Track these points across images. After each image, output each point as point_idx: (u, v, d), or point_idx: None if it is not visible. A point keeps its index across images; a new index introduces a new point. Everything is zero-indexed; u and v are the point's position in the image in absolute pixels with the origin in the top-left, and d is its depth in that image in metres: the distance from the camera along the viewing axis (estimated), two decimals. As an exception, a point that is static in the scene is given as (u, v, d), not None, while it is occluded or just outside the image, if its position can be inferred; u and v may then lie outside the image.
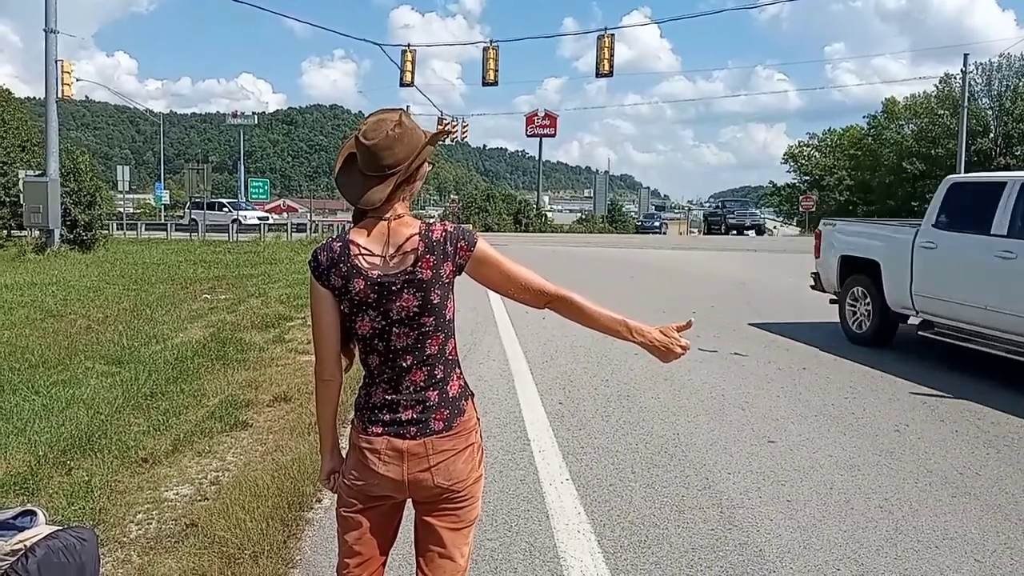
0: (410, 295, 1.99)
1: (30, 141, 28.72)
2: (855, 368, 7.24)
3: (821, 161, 64.30)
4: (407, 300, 2.00)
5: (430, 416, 2.05)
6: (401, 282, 1.99)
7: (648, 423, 5.52)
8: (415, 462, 2.05)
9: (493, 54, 31.66)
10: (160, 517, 3.87)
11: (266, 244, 27.18)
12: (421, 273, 1.99)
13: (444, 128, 36.76)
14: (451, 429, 2.06)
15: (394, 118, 2.01)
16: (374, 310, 2.01)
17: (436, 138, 2.10)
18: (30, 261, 19.36)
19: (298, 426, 5.29)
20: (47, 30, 22.42)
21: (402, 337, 2.03)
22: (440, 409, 2.06)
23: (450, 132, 44.23)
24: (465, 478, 2.10)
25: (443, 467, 2.06)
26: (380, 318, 2.01)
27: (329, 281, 2.03)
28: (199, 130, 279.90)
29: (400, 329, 2.02)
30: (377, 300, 2.00)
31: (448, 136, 44.22)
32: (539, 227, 45.38)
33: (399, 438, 2.05)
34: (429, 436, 2.05)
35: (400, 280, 1.99)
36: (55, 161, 22.33)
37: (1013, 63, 49.54)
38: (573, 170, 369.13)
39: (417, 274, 1.98)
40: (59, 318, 10.06)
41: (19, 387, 6.35)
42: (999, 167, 47.73)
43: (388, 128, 1.99)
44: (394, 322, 2.01)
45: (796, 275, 15.09)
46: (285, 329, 9.17)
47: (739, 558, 3.45)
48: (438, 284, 2.01)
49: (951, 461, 4.78)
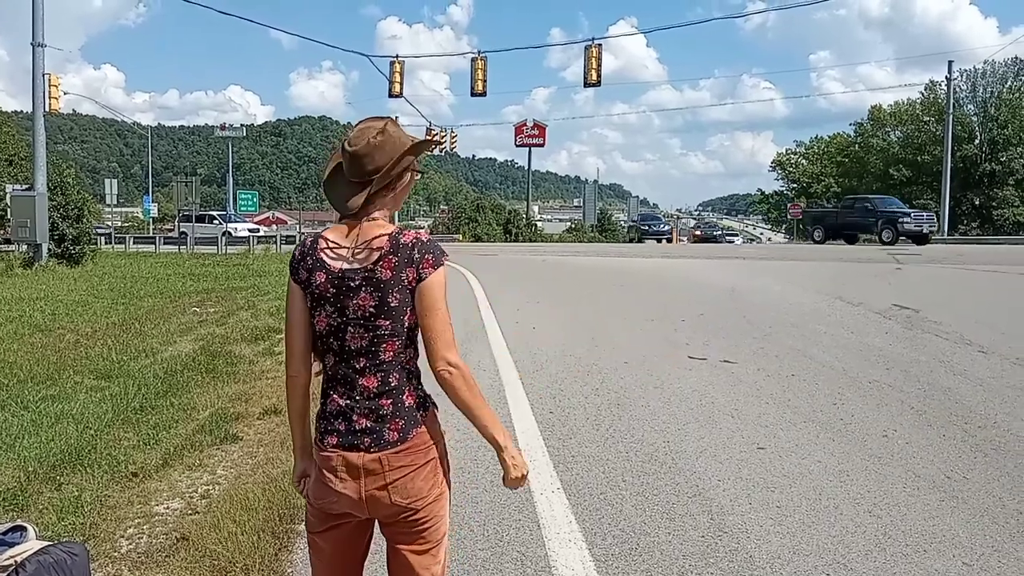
0: (367, 294, 1.99)
1: (17, 155, 28.70)
2: (843, 374, 7.28)
3: (808, 168, 64.82)
4: (364, 299, 1.99)
5: (384, 427, 2.02)
6: (360, 279, 1.99)
7: (638, 431, 5.54)
8: (372, 479, 2.01)
9: (481, 65, 31.82)
10: (151, 531, 3.86)
11: (255, 256, 27.13)
12: (381, 272, 1.98)
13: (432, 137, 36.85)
14: (406, 441, 2.02)
15: (378, 126, 2.04)
16: (331, 305, 2.01)
17: (420, 147, 2.09)
18: (18, 276, 19.25)
19: (288, 439, 5.26)
20: (35, 44, 22.38)
21: (356, 338, 2.01)
22: (395, 419, 2.02)
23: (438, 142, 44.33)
24: (425, 495, 2.05)
25: (400, 484, 2.02)
26: (336, 315, 2.01)
27: (298, 275, 2.06)
28: (187, 143, 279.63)
29: (355, 329, 2.01)
30: (335, 295, 2.00)
31: (436, 146, 44.33)
32: (529, 237, 45.44)
33: (353, 450, 2.02)
34: (385, 450, 2.01)
35: (359, 277, 1.99)
36: (43, 175, 22.25)
37: (997, 69, 50.07)
38: (562, 180, 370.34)
39: (377, 272, 1.98)
40: (47, 333, 10.01)
41: (7, 403, 6.33)
42: (984, 173, 48.21)
43: (371, 135, 2.01)
44: (350, 320, 2.01)
45: (784, 282, 15.19)
46: (275, 342, 9.16)
47: (730, 564, 3.47)
48: (397, 287, 1.99)
49: (939, 465, 4.82)
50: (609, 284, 15.61)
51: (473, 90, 32.53)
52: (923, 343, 8.60)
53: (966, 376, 7.10)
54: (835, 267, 18.73)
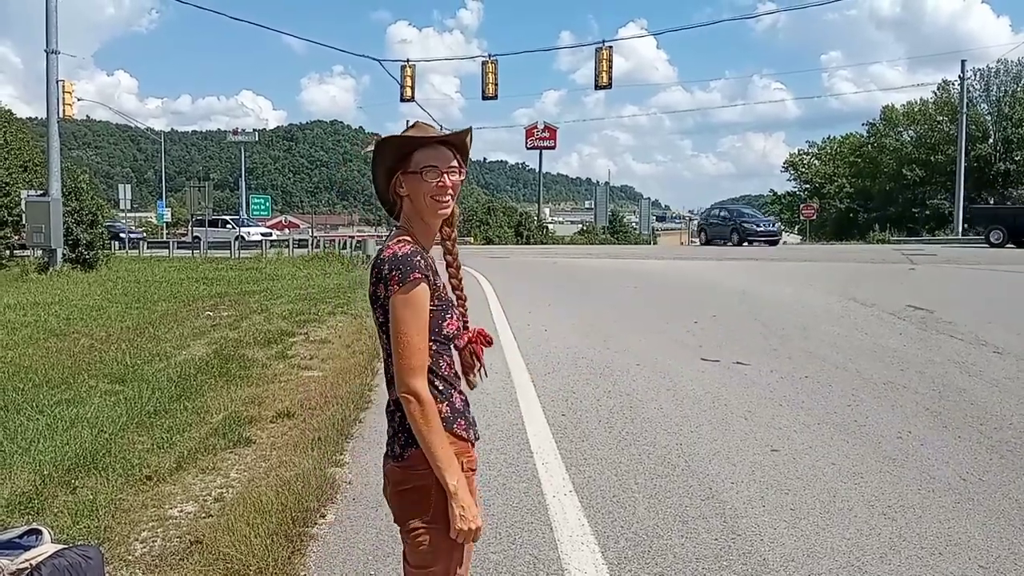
0: (373, 309, 2.05)
1: (32, 161, 28.92)
2: (857, 376, 7.24)
3: (821, 169, 64.48)
4: (376, 314, 2.04)
5: (393, 438, 2.05)
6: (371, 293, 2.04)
7: (651, 433, 5.52)
8: (384, 485, 2.09)
9: (492, 68, 31.85)
10: (165, 535, 3.88)
11: (268, 261, 27.24)
12: (373, 288, 2.01)
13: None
14: (403, 460, 2.00)
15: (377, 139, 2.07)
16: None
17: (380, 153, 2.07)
18: (33, 281, 19.43)
19: (301, 442, 5.30)
20: (48, 51, 22.59)
21: (383, 350, 2.07)
22: (399, 434, 2.03)
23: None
24: (402, 522, 2.02)
25: (393, 498, 2.05)
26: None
27: None
28: (200, 148, 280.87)
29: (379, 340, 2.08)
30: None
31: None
32: (540, 239, 45.44)
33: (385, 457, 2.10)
34: (390, 461, 2.06)
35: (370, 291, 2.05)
36: (57, 181, 22.45)
37: (1011, 68, 49.69)
38: (573, 182, 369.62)
39: (374, 289, 2.01)
40: (62, 337, 10.09)
41: (23, 406, 6.38)
42: (998, 172, 47.84)
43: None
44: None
45: (797, 283, 15.11)
46: (288, 345, 9.19)
47: (743, 567, 3.45)
48: (379, 304, 1.99)
49: (954, 467, 4.78)
50: (620, 286, 15.58)
51: (484, 94, 32.56)
52: (937, 344, 8.54)
53: (981, 377, 7.05)
54: (848, 268, 18.63)
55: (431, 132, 2.09)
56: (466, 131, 2.13)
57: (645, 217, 61.02)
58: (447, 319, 2.05)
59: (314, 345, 9.19)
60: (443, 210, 2.05)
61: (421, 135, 2.05)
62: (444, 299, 2.05)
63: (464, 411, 2.08)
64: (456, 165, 2.06)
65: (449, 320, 2.06)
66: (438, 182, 2.01)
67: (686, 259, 24.42)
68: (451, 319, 2.06)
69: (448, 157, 2.04)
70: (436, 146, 2.04)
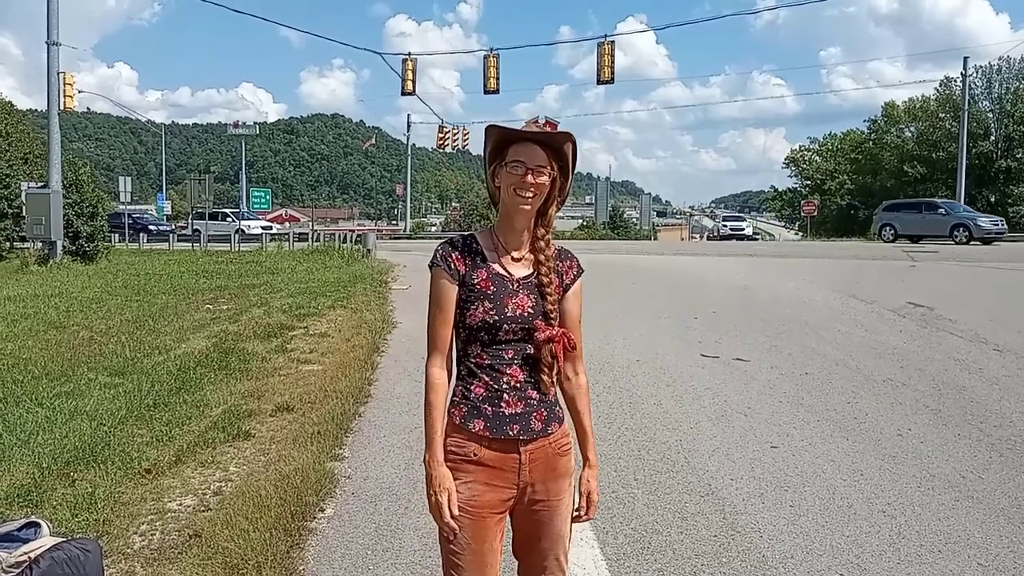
0: None
1: (32, 153, 28.87)
2: (857, 373, 7.24)
3: (822, 165, 64.30)
4: None
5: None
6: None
7: (651, 430, 5.52)
8: None
9: (494, 62, 31.70)
10: (163, 528, 3.88)
11: (268, 254, 27.19)
12: None
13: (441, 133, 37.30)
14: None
15: None
16: None
17: (492, 147, 2.13)
18: (33, 273, 19.40)
19: (301, 436, 5.29)
20: (49, 43, 22.51)
21: None
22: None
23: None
24: None
25: None
26: None
27: None
28: (200, 140, 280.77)
29: None
30: None
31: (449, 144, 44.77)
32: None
33: None
34: None
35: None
36: (57, 173, 22.38)
37: (1013, 65, 49.55)
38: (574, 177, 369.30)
39: None
40: (62, 330, 10.08)
41: (22, 399, 6.37)
42: (999, 169, 47.78)
43: None
44: None
45: (797, 279, 15.10)
46: (287, 339, 9.18)
47: (742, 564, 3.45)
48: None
49: (954, 465, 4.78)
50: (620, 281, 15.56)
51: (486, 88, 32.43)
52: (938, 341, 8.54)
53: (981, 374, 7.05)
54: (849, 264, 18.62)
55: (538, 130, 2.07)
56: (565, 134, 2.08)
57: (646, 212, 60.99)
58: (471, 310, 2.04)
59: (314, 339, 9.17)
60: (523, 206, 2.05)
61: (526, 130, 2.06)
62: (477, 290, 2.04)
63: (478, 402, 2.05)
64: (545, 167, 2.04)
65: (473, 311, 2.04)
66: (522, 177, 2.02)
67: (687, 255, 24.40)
68: (476, 310, 2.03)
69: (539, 156, 2.03)
70: (530, 144, 2.04)
